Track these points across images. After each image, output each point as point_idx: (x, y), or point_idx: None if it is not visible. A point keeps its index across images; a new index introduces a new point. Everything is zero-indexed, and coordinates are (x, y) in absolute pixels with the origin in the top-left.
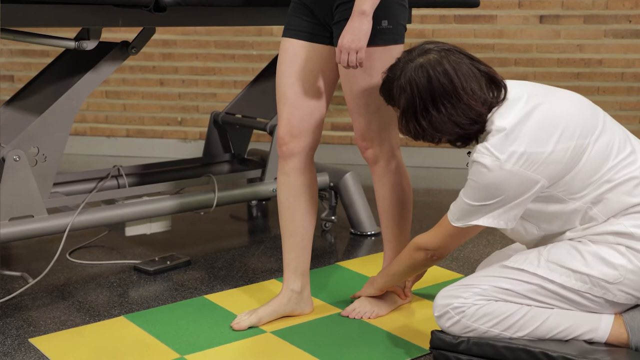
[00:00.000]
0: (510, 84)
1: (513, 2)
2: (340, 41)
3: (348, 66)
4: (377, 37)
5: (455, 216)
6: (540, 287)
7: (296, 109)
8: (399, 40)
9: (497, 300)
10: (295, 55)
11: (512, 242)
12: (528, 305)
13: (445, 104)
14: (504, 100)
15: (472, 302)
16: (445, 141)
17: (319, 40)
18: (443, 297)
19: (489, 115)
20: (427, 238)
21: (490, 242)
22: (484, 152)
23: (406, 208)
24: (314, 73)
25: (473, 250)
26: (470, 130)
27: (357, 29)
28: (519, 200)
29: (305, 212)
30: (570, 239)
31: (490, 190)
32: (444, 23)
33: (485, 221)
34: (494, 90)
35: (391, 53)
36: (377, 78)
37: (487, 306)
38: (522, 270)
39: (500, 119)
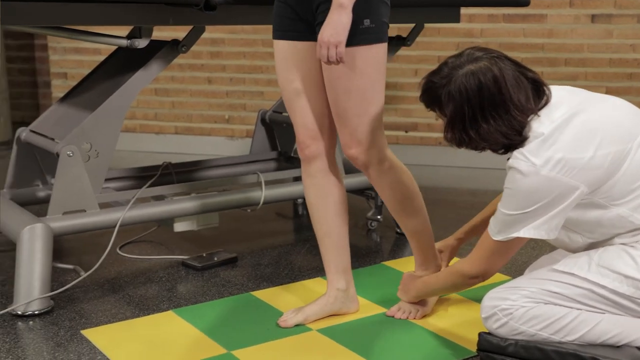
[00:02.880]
0: (552, 89)
1: (564, 1)
2: (319, 36)
3: (328, 62)
4: (360, 37)
5: (495, 229)
6: (591, 291)
7: (308, 111)
8: (382, 38)
9: (545, 303)
10: (290, 57)
11: None
12: (578, 309)
13: (494, 114)
14: (545, 106)
15: (520, 304)
16: (488, 149)
17: (308, 38)
18: (491, 299)
19: (527, 120)
20: (470, 264)
21: (538, 244)
22: (519, 158)
23: (415, 201)
24: (312, 72)
25: (521, 252)
26: (515, 141)
27: (335, 23)
28: (559, 209)
29: (336, 211)
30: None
31: (526, 197)
32: (492, 22)
33: (526, 232)
34: (539, 98)
35: (374, 52)
36: (361, 79)
37: (536, 309)
38: (573, 274)
39: (539, 124)
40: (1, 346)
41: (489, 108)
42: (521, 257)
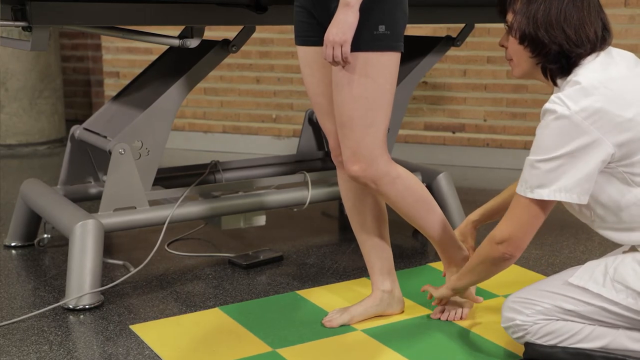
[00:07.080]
0: (620, 51)
1: (619, 1)
2: (325, 35)
3: (334, 62)
4: (373, 43)
5: (523, 184)
6: (604, 309)
7: None
8: (396, 47)
9: (558, 320)
10: (312, 62)
11: (612, 248)
12: (591, 325)
13: (567, 16)
14: (602, 55)
15: (534, 320)
16: (543, 59)
17: None
18: (508, 309)
19: (582, 62)
20: (498, 228)
21: (588, 248)
22: (555, 101)
23: (428, 201)
24: None
25: (569, 256)
26: (572, 52)
27: (341, 22)
28: (587, 168)
29: (374, 213)
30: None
31: (553, 139)
32: None
33: (557, 195)
34: (603, 37)
35: (387, 60)
36: (370, 87)
37: (550, 325)
38: (586, 289)
39: (587, 71)
40: (53, 339)
41: (566, 8)
42: (570, 262)
